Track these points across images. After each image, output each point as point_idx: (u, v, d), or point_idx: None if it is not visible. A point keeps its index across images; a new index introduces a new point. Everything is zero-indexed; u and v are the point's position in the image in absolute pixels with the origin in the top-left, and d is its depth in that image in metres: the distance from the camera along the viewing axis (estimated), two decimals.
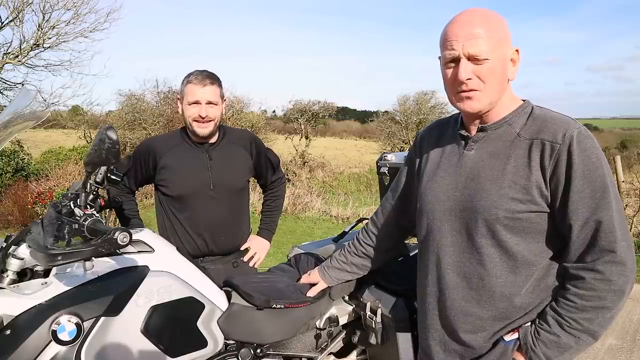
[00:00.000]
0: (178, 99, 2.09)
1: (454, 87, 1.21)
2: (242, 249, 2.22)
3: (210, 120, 2.01)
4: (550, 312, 1.16)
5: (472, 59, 1.16)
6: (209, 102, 1.99)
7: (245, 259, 2.22)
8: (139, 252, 1.53)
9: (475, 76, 1.16)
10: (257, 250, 2.26)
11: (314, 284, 1.70)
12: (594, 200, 1.10)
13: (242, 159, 2.15)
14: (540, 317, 1.19)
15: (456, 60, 1.17)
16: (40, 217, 1.54)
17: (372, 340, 1.70)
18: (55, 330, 1.27)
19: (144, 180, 2.14)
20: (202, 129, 2.01)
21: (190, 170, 2.04)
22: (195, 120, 2.00)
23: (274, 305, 1.62)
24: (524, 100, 1.26)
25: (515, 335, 1.20)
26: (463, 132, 1.28)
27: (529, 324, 1.20)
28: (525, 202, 1.15)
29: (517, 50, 1.20)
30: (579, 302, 1.12)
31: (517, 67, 1.21)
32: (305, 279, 1.73)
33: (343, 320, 1.83)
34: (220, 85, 2.05)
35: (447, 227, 1.26)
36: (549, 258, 1.19)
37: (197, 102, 1.98)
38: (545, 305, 1.20)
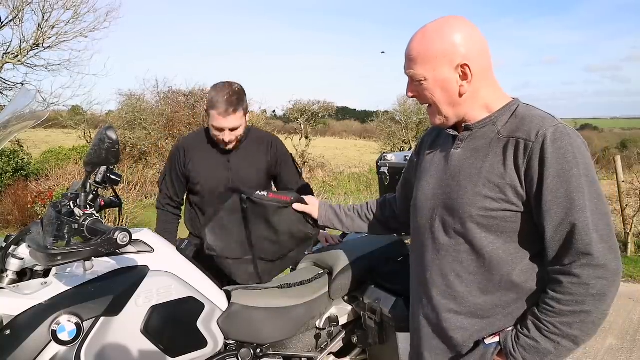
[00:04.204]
0: (206, 108, 2.12)
1: None
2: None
3: (232, 142, 2.08)
4: (530, 317, 1.15)
5: (412, 79, 1.24)
6: (232, 129, 2.04)
7: None
8: (138, 252, 1.53)
9: (419, 94, 1.24)
10: None
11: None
12: (568, 200, 1.07)
13: (259, 159, 2.20)
14: (521, 322, 1.17)
15: None
16: (40, 217, 1.55)
17: (372, 340, 1.70)
18: (55, 330, 1.27)
19: (184, 178, 2.20)
20: (225, 147, 2.10)
21: (211, 170, 2.13)
22: (219, 140, 2.08)
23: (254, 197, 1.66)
24: (513, 99, 1.25)
25: (496, 339, 1.19)
26: (451, 132, 1.29)
27: (511, 328, 1.19)
28: (499, 200, 1.14)
29: (464, 65, 1.16)
30: (557, 307, 1.09)
31: (472, 80, 1.18)
32: (302, 207, 1.71)
33: (343, 320, 1.83)
34: (243, 106, 2.05)
35: (429, 225, 1.28)
36: (528, 259, 1.18)
37: (220, 129, 2.04)
38: (526, 309, 1.18)
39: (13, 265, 1.37)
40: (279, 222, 1.70)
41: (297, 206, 1.70)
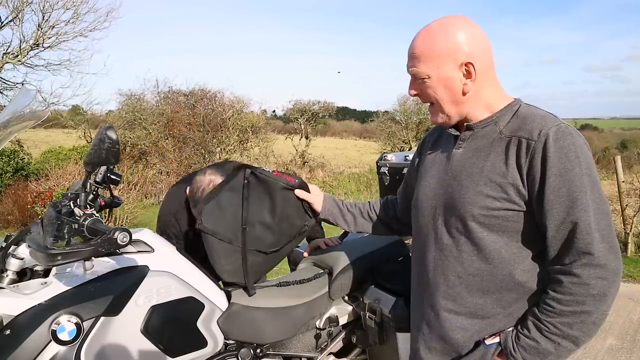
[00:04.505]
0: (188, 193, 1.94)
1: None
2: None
3: None
4: (530, 317, 1.15)
5: (414, 77, 1.24)
6: None
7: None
8: (138, 251, 1.53)
9: (422, 92, 1.24)
10: None
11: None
12: (570, 199, 1.07)
13: None
14: (521, 322, 1.17)
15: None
16: (40, 216, 1.54)
17: (372, 340, 1.70)
18: (55, 330, 1.27)
19: (182, 241, 2.00)
20: None
21: None
22: None
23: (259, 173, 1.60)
24: (515, 99, 1.26)
25: (497, 340, 1.19)
26: (453, 131, 1.29)
27: (511, 329, 1.19)
28: (501, 199, 1.14)
29: (468, 63, 1.17)
30: (558, 307, 1.09)
31: (476, 79, 1.19)
32: (305, 194, 1.65)
33: (343, 320, 1.82)
34: None
35: (431, 225, 1.28)
36: (530, 259, 1.18)
37: None
38: (527, 309, 1.18)
39: (13, 265, 1.37)
40: (280, 205, 1.61)
41: (299, 192, 1.64)
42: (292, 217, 1.65)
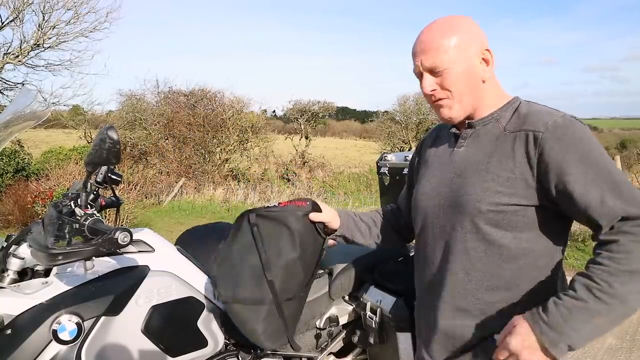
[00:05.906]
0: None
1: (427, 99, 1.28)
2: None
3: None
4: (578, 278, 1.07)
5: (432, 72, 1.21)
6: None
7: None
8: (139, 251, 1.53)
9: (439, 86, 1.22)
10: None
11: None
12: (600, 178, 1.07)
13: None
14: (554, 295, 1.09)
15: (421, 75, 1.24)
16: (41, 216, 1.55)
17: (372, 340, 1.70)
18: (56, 330, 1.27)
19: None
20: None
21: None
22: None
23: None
24: (514, 97, 1.27)
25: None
26: (454, 130, 1.29)
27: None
28: (509, 195, 1.14)
29: (487, 50, 1.20)
30: (613, 265, 1.02)
31: (492, 66, 1.22)
32: (319, 216, 1.48)
33: (343, 320, 1.83)
34: None
35: (436, 223, 1.27)
36: (538, 254, 1.17)
37: None
38: (534, 305, 1.13)
39: (14, 264, 1.37)
40: (299, 235, 1.42)
41: (314, 216, 1.45)
42: (311, 243, 1.46)
